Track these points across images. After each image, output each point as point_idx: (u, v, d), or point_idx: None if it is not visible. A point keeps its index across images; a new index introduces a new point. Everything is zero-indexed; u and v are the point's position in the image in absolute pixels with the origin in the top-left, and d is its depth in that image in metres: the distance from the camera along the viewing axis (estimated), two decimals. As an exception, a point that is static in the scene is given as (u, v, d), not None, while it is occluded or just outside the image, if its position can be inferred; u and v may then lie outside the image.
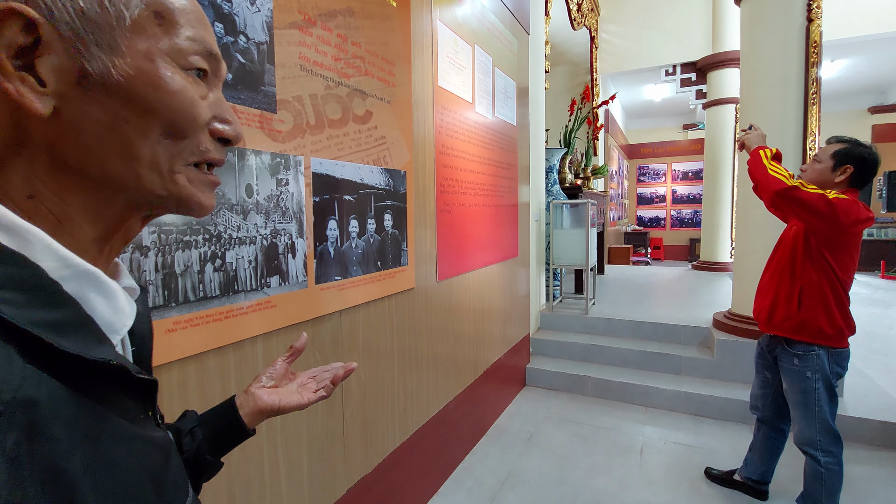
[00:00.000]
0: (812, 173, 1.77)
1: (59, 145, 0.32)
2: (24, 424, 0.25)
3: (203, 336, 1.04)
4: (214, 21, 1.04)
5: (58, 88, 0.30)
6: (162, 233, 0.94)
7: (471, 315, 2.51)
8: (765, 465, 2.05)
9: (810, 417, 1.75)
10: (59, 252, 0.31)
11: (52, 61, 0.30)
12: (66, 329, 0.29)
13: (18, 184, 0.31)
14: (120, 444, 0.32)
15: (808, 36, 2.76)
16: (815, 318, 1.71)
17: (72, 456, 0.27)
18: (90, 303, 0.32)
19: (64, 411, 0.28)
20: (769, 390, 1.97)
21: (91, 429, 0.30)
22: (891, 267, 7.75)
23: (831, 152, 1.73)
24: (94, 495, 0.28)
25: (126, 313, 0.35)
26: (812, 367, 1.73)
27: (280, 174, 1.22)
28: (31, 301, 0.28)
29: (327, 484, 1.45)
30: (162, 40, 0.34)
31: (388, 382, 1.76)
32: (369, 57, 1.58)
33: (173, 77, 0.34)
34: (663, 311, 3.94)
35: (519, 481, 2.25)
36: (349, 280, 1.51)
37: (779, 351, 1.84)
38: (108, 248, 0.37)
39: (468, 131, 2.40)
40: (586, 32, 6.10)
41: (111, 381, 0.33)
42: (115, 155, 0.33)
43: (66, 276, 0.31)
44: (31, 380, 0.26)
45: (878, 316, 5.14)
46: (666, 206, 11.59)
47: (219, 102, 0.39)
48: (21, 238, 0.30)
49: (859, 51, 6.73)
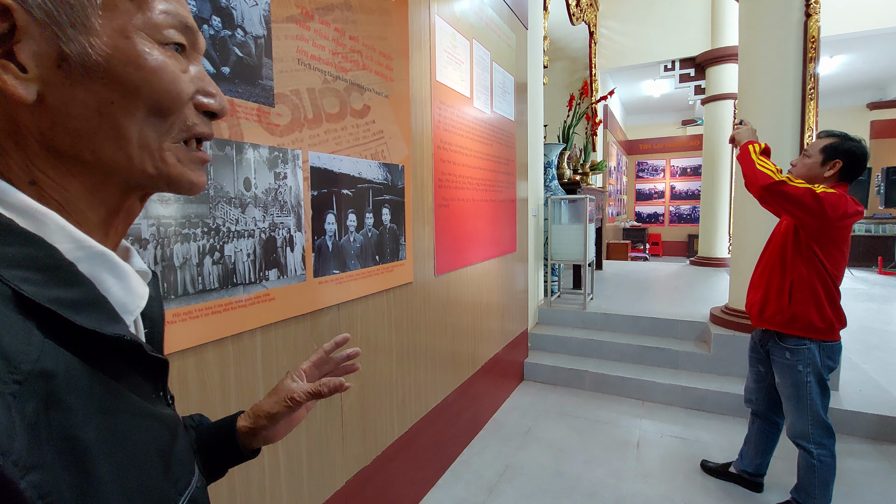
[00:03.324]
0: (802, 168, 1.77)
1: (50, 132, 0.32)
2: (42, 394, 0.26)
3: (202, 328, 1.04)
4: (212, 15, 1.04)
5: (39, 74, 0.31)
6: (160, 226, 0.95)
7: (469, 310, 2.52)
8: (760, 458, 2.07)
9: (802, 410, 1.77)
10: (74, 234, 0.32)
11: (30, 46, 0.30)
12: (82, 307, 0.30)
13: (18, 171, 0.32)
14: (131, 419, 0.33)
15: (807, 31, 2.77)
16: (805, 312, 1.72)
17: (86, 426, 0.29)
18: (104, 283, 0.33)
19: (79, 384, 0.29)
20: (763, 384, 1.98)
21: (105, 402, 0.31)
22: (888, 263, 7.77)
23: (820, 147, 1.73)
24: (106, 466, 0.29)
25: (138, 294, 0.36)
26: (804, 360, 1.74)
27: (278, 168, 1.23)
28: (49, 280, 0.29)
29: (326, 476, 1.47)
30: (135, 16, 0.33)
31: (386, 376, 1.77)
32: (367, 51, 1.58)
33: (151, 53, 0.34)
34: (661, 306, 3.96)
35: (517, 474, 2.27)
36: (347, 274, 1.52)
37: (771, 345, 1.85)
38: (113, 229, 0.38)
39: (466, 126, 2.40)
40: (585, 28, 6.08)
41: (124, 359, 0.34)
42: (105, 138, 0.33)
43: (81, 258, 0.32)
44: (49, 353, 0.28)
45: (875, 311, 5.16)
46: (664, 201, 11.60)
47: (200, 76, 0.39)
48: (36, 220, 0.31)
49: (858, 47, 6.72)
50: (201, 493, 0.42)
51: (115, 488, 0.30)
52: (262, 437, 0.60)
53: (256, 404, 0.60)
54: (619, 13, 6.65)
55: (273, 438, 0.61)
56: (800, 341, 1.75)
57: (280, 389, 0.60)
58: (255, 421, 0.59)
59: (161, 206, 0.95)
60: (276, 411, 0.58)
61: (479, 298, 2.65)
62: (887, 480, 2.16)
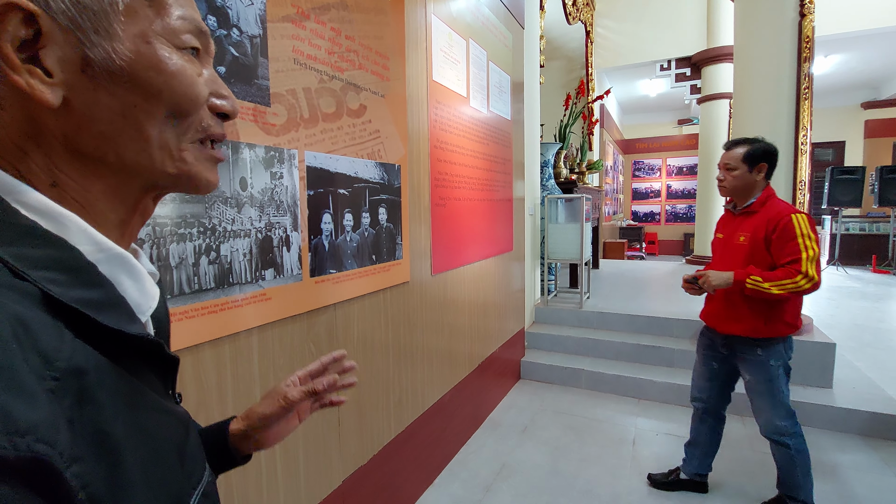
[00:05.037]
0: (733, 181, 1.81)
1: (74, 135, 0.33)
2: (75, 390, 0.27)
3: (198, 328, 1.04)
4: (207, 14, 1.04)
5: (64, 78, 0.31)
6: (156, 226, 0.95)
7: (466, 309, 2.53)
8: (710, 457, 2.05)
9: (777, 406, 1.79)
10: (94, 236, 0.33)
11: (55, 52, 0.31)
12: (105, 308, 0.31)
13: (40, 174, 0.32)
14: (152, 415, 0.34)
15: (801, 31, 2.78)
16: (779, 316, 1.75)
17: (115, 422, 0.30)
18: (122, 284, 0.34)
19: (108, 380, 0.30)
20: (716, 381, 1.96)
21: (130, 398, 0.32)
22: (882, 261, 7.83)
23: (740, 157, 1.78)
24: (133, 459, 0.30)
25: (152, 295, 0.37)
26: (775, 354, 1.78)
27: (274, 167, 1.23)
28: (73, 281, 0.30)
29: (323, 474, 1.47)
30: (155, 22, 0.34)
31: (383, 375, 1.78)
32: (363, 51, 1.58)
33: (171, 57, 0.35)
34: (657, 304, 3.98)
35: (513, 472, 2.28)
36: (344, 273, 1.52)
37: (739, 343, 1.83)
38: (129, 230, 0.39)
39: (463, 126, 2.40)
40: (581, 27, 6.09)
41: (141, 358, 0.35)
42: (128, 139, 0.34)
43: (101, 259, 0.33)
44: (79, 351, 0.29)
45: (869, 309, 5.20)
46: (660, 201, 11.64)
47: (214, 78, 0.40)
48: (58, 223, 0.32)
49: (852, 46, 6.76)
50: (212, 488, 0.43)
51: (141, 481, 0.31)
52: (254, 442, 0.60)
53: (250, 407, 0.61)
54: (615, 12, 6.66)
55: (265, 444, 0.61)
56: (772, 339, 1.78)
57: (274, 392, 0.61)
58: (248, 423, 0.59)
59: (157, 206, 0.95)
60: (270, 412, 0.58)
61: (475, 298, 2.65)
62: (880, 476, 2.18)
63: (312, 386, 0.59)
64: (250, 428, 0.59)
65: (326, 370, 0.66)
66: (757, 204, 1.80)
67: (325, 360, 0.66)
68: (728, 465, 2.20)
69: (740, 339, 1.82)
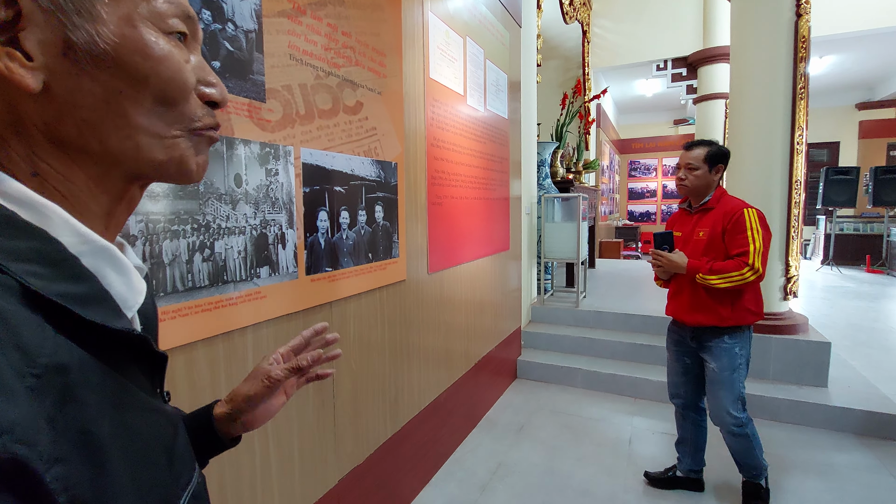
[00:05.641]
0: (695, 180, 1.89)
1: (55, 122, 0.31)
2: (58, 388, 0.26)
3: (192, 326, 1.03)
4: (202, 8, 1.02)
5: (45, 62, 0.30)
6: (149, 222, 0.94)
7: (462, 307, 2.52)
8: (700, 452, 2.08)
9: (733, 393, 1.84)
10: (77, 228, 0.32)
11: (35, 34, 0.29)
12: (89, 302, 0.30)
13: (20, 163, 0.31)
14: (140, 414, 0.33)
15: (797, 31, 2.79)
16: (743, 303, 1.83)
17: (100, 421, 0.28)
18: (106, 278, 0.33)
19: (92, 378, 0.29)
20: (690, 375, 2.01)
21: (116, 397, 0.31)
22: (876, 261, 7.88)
23: (703, 157, 1.87)
24: (119, 460, 0.29)
25: (138, 290, 0.36)
26: (742, 342, 1.85)
27: (269, 164, 1.22)
28: (55, 274, 0.29)
29: (318, 474, 1.46)
30: (140, 5, 0.33)
31: (379, 374, 1.77)
32: (360, 47, 1.57)
33: (157, 42, 0.34)
34: (653, 304, 3.98)
35: (509, 472, 2.27)
36: (340, 271, 1.51)
37: (707, 334, 1.89)
38: (114, 222, 0.37)
39: (460, 124, 2.40)
40: (578, 26, 6.09)
41: (127, 355, 0.34)
42: (113, 127, 0.33)
43: (84, 252, 0.32)
44: (62, 347, 0.27)
45: (864, 309, 5.23)
46: (656, 200, 11.67)
47: (201, 65, 0.38)
48: (40, 214, 0.30)
49: (848, 47, 6.79)
50: (202, 489, 0.42)
51: (128, 483, 0.30)
52: (240, 423, 0.58)
53: (234, 389, 0.59)
54: (611, 12, 6.67)
55: (252, 424, 0.59)
56: (739, 326, 1.85)
57: (257, 371, 0.59)
58: (232, 405, 0.58)
59: (150, 202, 0.94)
60: (253, 392, 0.57)
61: (472, 296, 2.65)
62: (874, 475, 2.18)
63: (297, 362, 0.57)
64: (235, 410, 0.58)
65: (309, 344, 0.65)
66: (713, 201, 1.90)
67: (307, 334, 0.64)
68: (722, 463, 2.20)
69: (709, 328, 1.87)
